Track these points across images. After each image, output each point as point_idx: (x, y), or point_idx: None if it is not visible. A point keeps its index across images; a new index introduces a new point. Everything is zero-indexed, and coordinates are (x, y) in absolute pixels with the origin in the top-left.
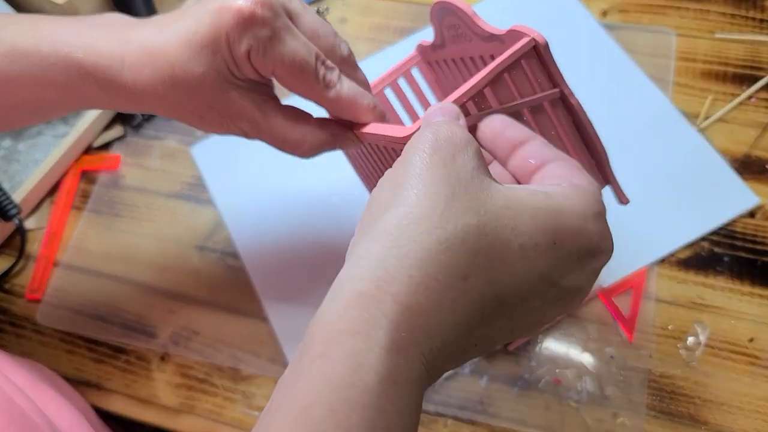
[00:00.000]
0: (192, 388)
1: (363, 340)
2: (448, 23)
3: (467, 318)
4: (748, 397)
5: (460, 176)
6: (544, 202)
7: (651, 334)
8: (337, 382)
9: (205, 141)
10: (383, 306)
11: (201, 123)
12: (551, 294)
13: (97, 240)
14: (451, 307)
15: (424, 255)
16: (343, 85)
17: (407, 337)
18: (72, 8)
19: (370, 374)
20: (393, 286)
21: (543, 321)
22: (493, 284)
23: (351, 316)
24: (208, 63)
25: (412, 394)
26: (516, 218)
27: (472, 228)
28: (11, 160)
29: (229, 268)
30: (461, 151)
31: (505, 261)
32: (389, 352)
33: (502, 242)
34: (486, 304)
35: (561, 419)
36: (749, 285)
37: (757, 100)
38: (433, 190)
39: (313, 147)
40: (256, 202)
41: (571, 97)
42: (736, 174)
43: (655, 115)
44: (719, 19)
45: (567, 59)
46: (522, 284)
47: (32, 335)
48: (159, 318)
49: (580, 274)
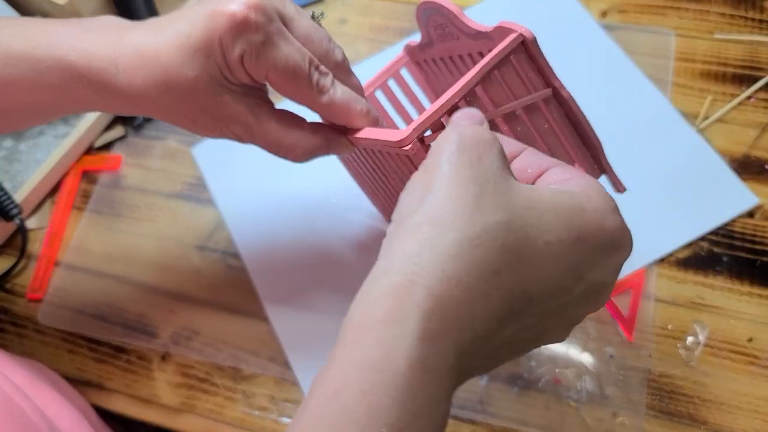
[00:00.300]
0: (193, 387)
1: (396, 327)
2: (434, 22)
3: (498, 313)
4: (747, 396)
5: (487, 176)
6: (567, 201)
7: (650, 334)
8: (369, 366)
9: (206, 141)
10: (416, 297)
11: (194, 126)
12: (578, 290)
13: (98, 240)
14: (482, 300)
15: (457, 251)
16: (336, 90)
17: (439, 327)
18: (73, 9)
19: (402, 360)
20: (426, 279)
21: (572, 321)
22: (522, 280)
23: (384, 307)
24: (201, 67)
25: (442, 383)
26: (541, 217)
27: (502, 225)
28: (12, 160)
29: (230, 268)
30: (487, 151)
31: (534, 257)
32: (421, 341)
33: (530, 239)
34: (516, 299)
35: (561, 419)
36: (748, 285)
37: (756, 101)
38: (462, 190)
39: (306, 152)
40: (256, 203)
41: (563, 90)
42: (735, 174)
43: (654, 116)
44: (718, 20)
45: (566, 60)
46: (549, 280)
47: (33, 335)
48: (160, 318)
49: (604, 269)
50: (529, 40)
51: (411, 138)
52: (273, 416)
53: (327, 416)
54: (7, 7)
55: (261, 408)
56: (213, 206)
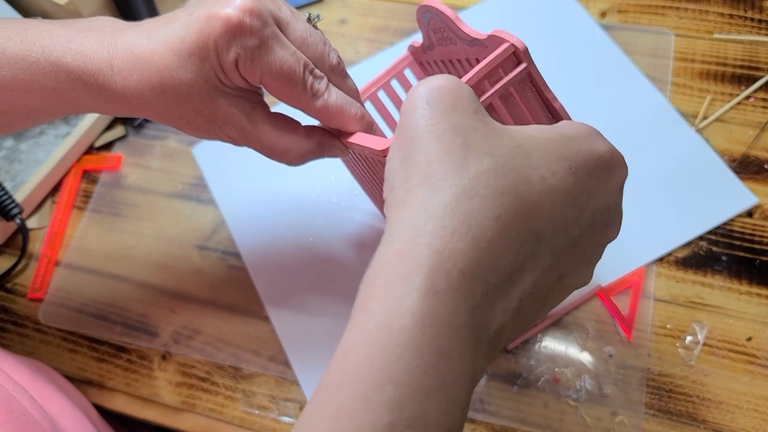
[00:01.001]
0: (193, 386)
1: (400, 287)
2: (433, 26)
3: (509, 258)
4: (746, 395)
5: (465, 123)
6: (551, 133)
7: (649, 333)
8: (373, 326)
9: (206, 141)
10: (419, 256)
11: (189, 128)
12: (585, 220)
13: (98, 239)
14: (488, 248)
15: (454, 205)
16: (330, 94)
17: (445, 281)
18: (73, 8)
19: (405, 316)
20: (427, 238)
21: (591, 257)
22: (527, 219)
23: (388, 271)
24: (196, 70)
25: (453, 340)
26: (528, 154)
27: (491, 170)
28: (13, 159)
29: (230, 267)
30: (458, 98)
31: (531, 194)
32: (425, 296)
33: (523, 178)
34: (525, 241)
35: (560, 418)
36: (747, 284)
37: (755, 100)
38: (444, 143)
39: (300, 156)
40: (256, 202)
41: (555, 102)
42: (734, 174)
43: (653, 116)
44: (717, 20)
45: (565, 60)
46: (553, 213)
47: (34, 334)
48: (160, 317)
49: (605, 193)
50: (521, 50)
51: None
52: (273, 415)
53: (334, 378)
54: (8, 7)
55: (261, 407)
56: (213, 206)
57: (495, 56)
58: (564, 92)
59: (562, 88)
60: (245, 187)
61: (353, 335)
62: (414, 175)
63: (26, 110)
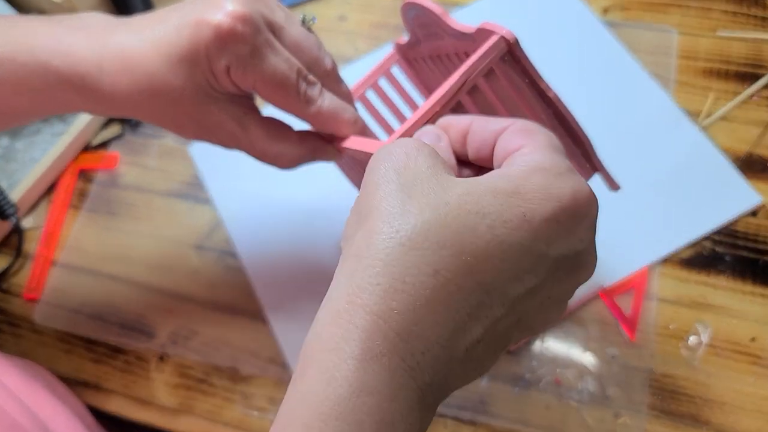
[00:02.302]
0: (191, 388)
1: (336, 354)
2: (419, 22)
3: (451, 314)
4: (750, 396)
5: (415, 178)
6: (502, 182)
7: (652, 334)
8: (312, 398)
9: None
10: (355, 319)
11: (180, 131)
12: (544, 268)
13: (94, 239)
14: (426, 306)
15: (389, 260)
16: (324, 100)
17: (382, 344)
18: (70, 6)
19: (343, 386)
20: (362, 298)
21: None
22: (471, 273)
23: (327, 334)
24: (186, 76)
25: (395, 402)
26: (478, 201)
27: (431, 222)
28: (8, 158)
29: (228, 267)
30: (413, 157)
31: (477, 246)
32: (362, 362)
33: (469, 228)
34: (469, 295)
35: (562, 419)
36: (751, 284)
37: (759, 98)
38: (390, 200)
39: (291, 160)
40: (254, 202)
41: (549, 91)
42: (738, 172)
43: (657, 114)
44: (721, 17)
45: (568, 57)
46: (504, 265)
47: (30, 335)
48: (157, 318)
49: (570, 239)
50: (511, 42)
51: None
52: (271, 417)
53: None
54: (5, 5)
55: (259, 409)
56: (211, 205)
57: (486, 49)
58: (566, 90)
59: (564, 85)
60: (243, 186)
61: (291, 405)
62: (358, 230)
63: (14, 111)
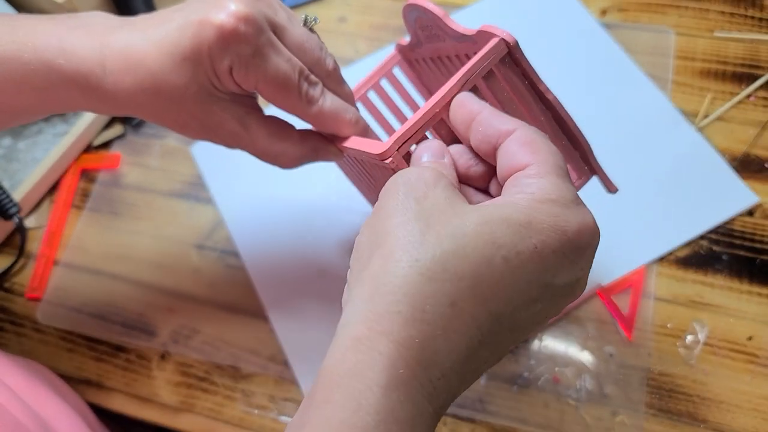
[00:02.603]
0: (192, 386)
1: (361, 380)
2: (420, 24)
3: (465, 342)
4: (746, 395)
5: (433, 208)
6: (515, 213)
7: (650, 333)
8: (338, 425)
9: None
10: (378, 345)
11: (183, 130)
12: (548, 295)
13: (97, 239)
14: (443, 335)
15: (408, 289)
16: (325, 100)
17: (405, 373)
18: (71, 6)
19: (370, 414)
20: (384, 325)
21: (549, 315)
22: (485, 303)
23: (349, 360)
24: (189, 76)
25: (416, 427)
26: (494, 232)
27: (450, 253)
28: (11, 158)
29: (229, 266)
30: (431, 187)
31: (492, 277)
32: (387, 390)
33: (486, 259)
34: (482, 324)
35: (560, 417)
36: (748, 283)
37: (756, 99)
38: (408, 227)
39: (293, 160)
40: (255, 202)
41: (548, 94)
42: (734, 173)
43: (654, 114)
44: (718, 18)
45: (566, 58)
46: (514, 295)
47: (32, 334)
48: (159, 316)
49: (573, 269)
50: (511, 44)
51: (391, 151)
52: (272, 415)
53: None
54: (6, 5)
55: (260, 407)
56: (212, 205)
57: (486, 52)
58: (564, 91)
59: (562, 86)
60: (244, 186)
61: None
62: (377, 252)
63: (17, 109)
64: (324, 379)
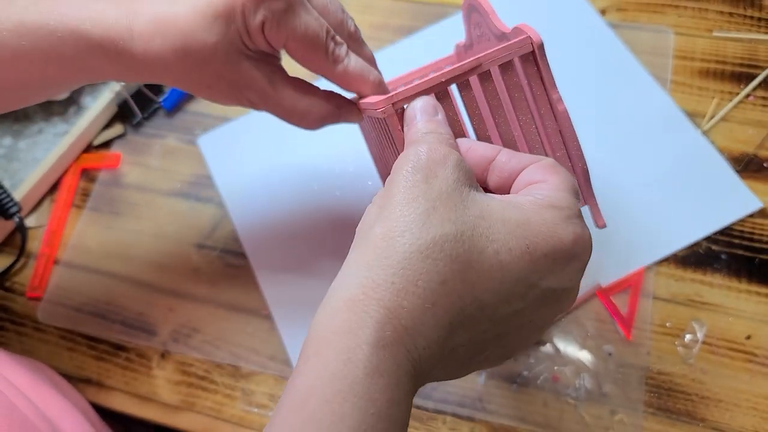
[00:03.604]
0: (192, 385)
1: (351, 338)
2: (474, 21)
3: (448, 319)
4: (745, 394)
5: (441, 190)
6: (515, 213)
7: (649, 332)
8: (330, 376)
9: (212, 132)
10: (369, 309)
11: (209, 93)
12: (532, 295)
13: (97, 238)
14: (431, 309)
15: (406, 263)
16: (350, 60)
17: (392, 335)
18: None
19: (359, 368)
20: (378, 292)
21: (537, 325)
22: (472, 287)
23: (341, 319)
24: (221, 33)
25: (400, 387)
26: (490, 227)
27: (449, 237)
28: (11, 158)
29: (229, 265)
30: (441, 166)
31: (482, 265)
32: (376, 348)
33: (478, 249)
34: (466, 306)
35: (559, 416)
36: (746, 282)
37: (755, 99)
38: (414, 205)
39: (319, 117)
40: (262, 196)
41: (559, 104)
42: (737, 175)
43: (656, 114)
44: (717, 18)
45: (569, 56)
46: (499, 286)
47: (33, 333)
48: (159, 316)
49: (561, 276)
50: (536, 44)
51: (384, 103)
52: (272, 414)
53: (296, 424)
54: None
55: (261, 406)
56: (213, 204)
57: (509, 44)
58: (568, 89)
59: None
60: (250, 180)
61: (311, 382)
62: (381, 225)
63: (44, 81)
64: (315, 334)
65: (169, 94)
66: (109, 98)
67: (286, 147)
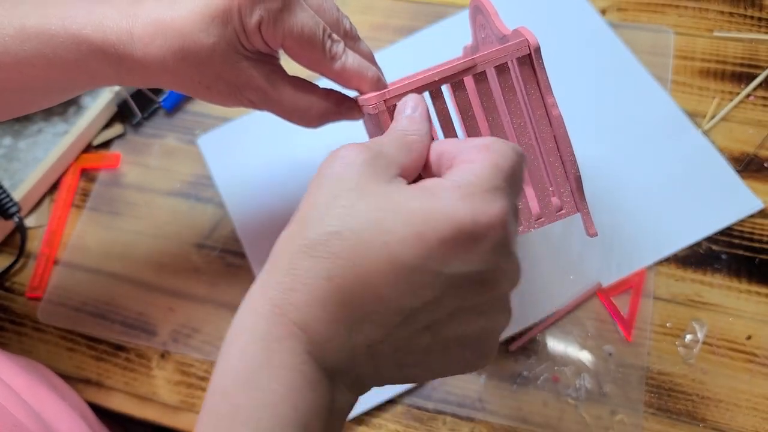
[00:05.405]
0: (192, 385)
1: (248, 336)
2: (479, 23)
3: (345, 313)
4: (745, 394)
5: (341, 191)
6: (418, 202)
7: (649, 332)
8: (230, 371)
9: (212, 132)
10: (262, 308)
11: (209, 94)
12: (441, 284)
13: (97, 238)
14: (320, 304)
15: (293, 263)
16: (347, 57)
17: (281, 330)
18: None
19: (256, 359)
20: (269, 292)
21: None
22: (363, 282)
23: (242, 317)
24: (218, 34)
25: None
26: (384, 218)
27: (332, 234)
28: (11, 158)
29: (229, 265)
30: (348, 166)
31: (370, 258)
32: (267, 342)
33: (365, 242)
34: (364, 301)
35: (559, 416)
36: (747, 282)
37: (755, 98)
38: (314, 204)
39: (319, 115)
40: (261, 196)
41: (554, 109)
42: (737, 176)
43: (657, 114)
44: (717, 18)
45: (570, 57)
46: (395, 278)
47: (33, 333)
48: (159, 316)
49: (469, 259)
50: (533, 47)
51: (375, 99)
52: None
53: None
54: None
55: None
56: (212, 204)
57: (506, 46)
58: (568, 89)
59: (565, 84)
60: (250, 180)
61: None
62: (290, 224)
63: (47, 85)
64: (228, 336)
65: (169, 94)
66: (108, 98)
67: (286, 147)
